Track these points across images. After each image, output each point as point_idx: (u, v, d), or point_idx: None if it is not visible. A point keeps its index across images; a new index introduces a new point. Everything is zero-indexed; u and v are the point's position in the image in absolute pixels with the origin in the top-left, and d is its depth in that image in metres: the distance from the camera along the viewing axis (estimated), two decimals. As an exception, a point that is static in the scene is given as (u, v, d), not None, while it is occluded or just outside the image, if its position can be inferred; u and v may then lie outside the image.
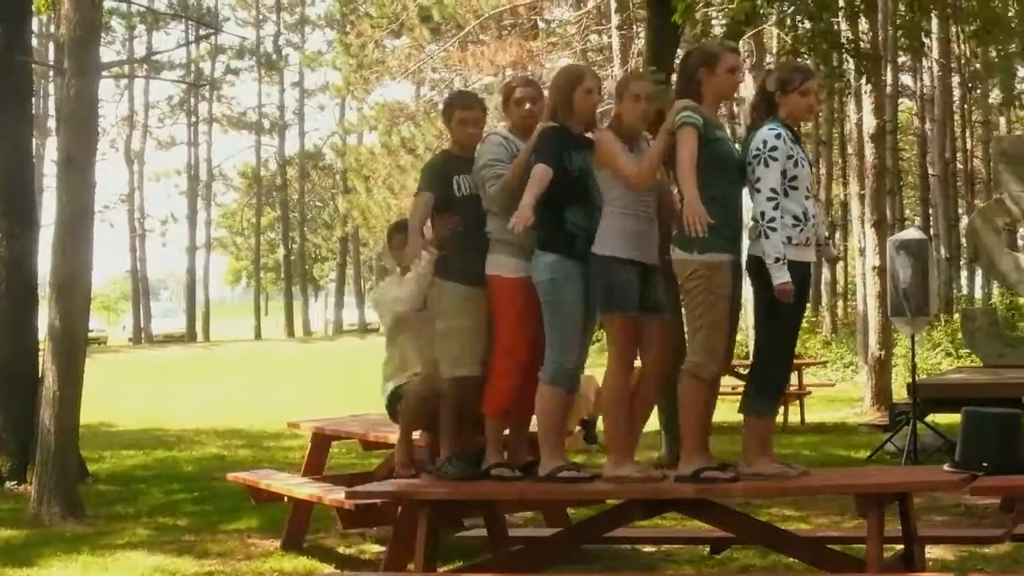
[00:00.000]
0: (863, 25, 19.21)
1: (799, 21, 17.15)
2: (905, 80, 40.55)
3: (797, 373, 18.62)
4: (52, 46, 42.20)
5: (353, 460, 14.50)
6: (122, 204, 64.28)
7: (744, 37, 18.66)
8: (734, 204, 6.92)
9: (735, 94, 7.56)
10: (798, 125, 7.34)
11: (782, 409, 16.49)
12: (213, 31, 56.32)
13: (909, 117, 45.69)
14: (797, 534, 8.15)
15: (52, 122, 45.53)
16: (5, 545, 10.47)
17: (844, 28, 18.05)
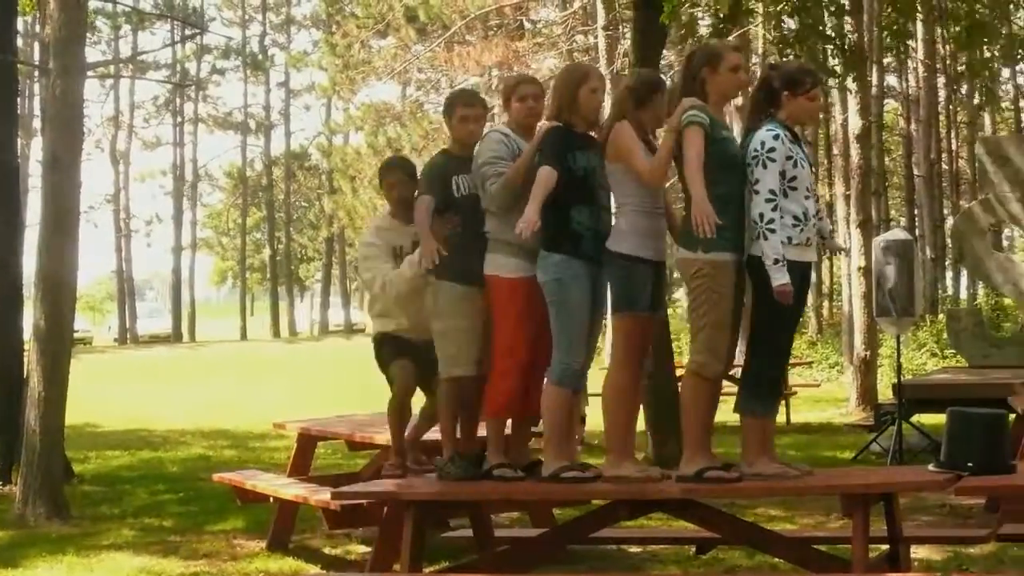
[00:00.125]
0: (848, 25, 19.24)
1: (786, 19, 17.19)
2: (890, 81, 40.56)
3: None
4: (37, 46, 42.10)
5: (339, 461, 14.48)
6: (108, 204, 64.23)
7: (729, 37, 18.68)
8: (739, 203, 6.91)
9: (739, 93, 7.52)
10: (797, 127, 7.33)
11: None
12: (199, 31, 56.24)
13: (894, 118, 45.69)
14: (783, 534, 8.16)
15: (37, 122, 45.50)
16: (-10, 546, 10.45)
17: (830, 28, 18.07)
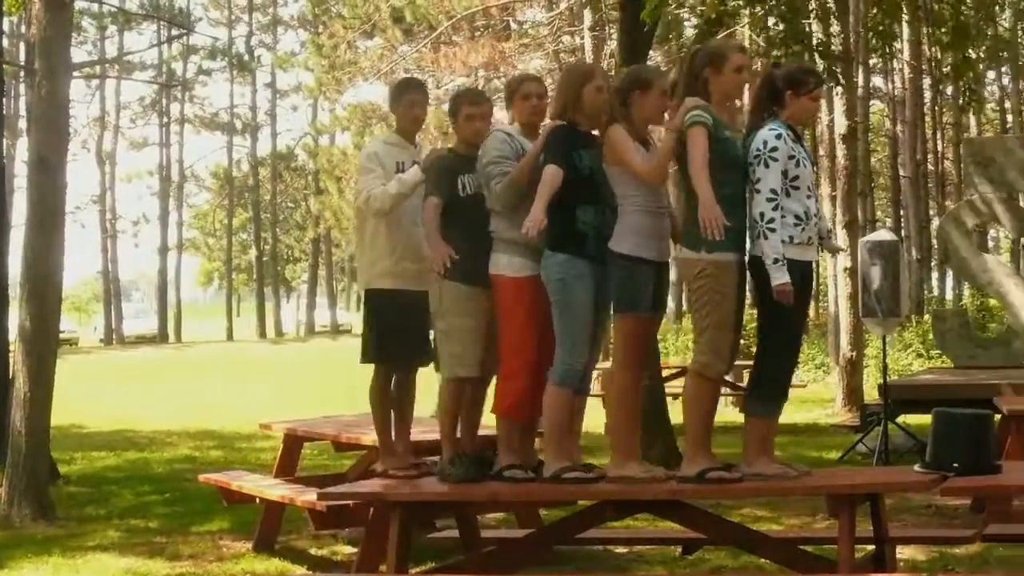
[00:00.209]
0: (834, 27, 19.26)
1: (774, 23, 17.20)
2: (876, 82, 40.63)
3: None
4: (23, 46, 41.96)
5: (325, 461, 14.47)
6: (94, 205, 64.07)
7: (715, 39, 18.69)
8: (742, 204, 6.91)
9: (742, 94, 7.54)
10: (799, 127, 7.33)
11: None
12: (185, 31, 56.17)
13: (880, 119, 45.81)
14: (769, 535, 8.16)
15: (23, 123, 45.35)
16: (-25, 547, 10.43)
17: (816, 29, 18.09)
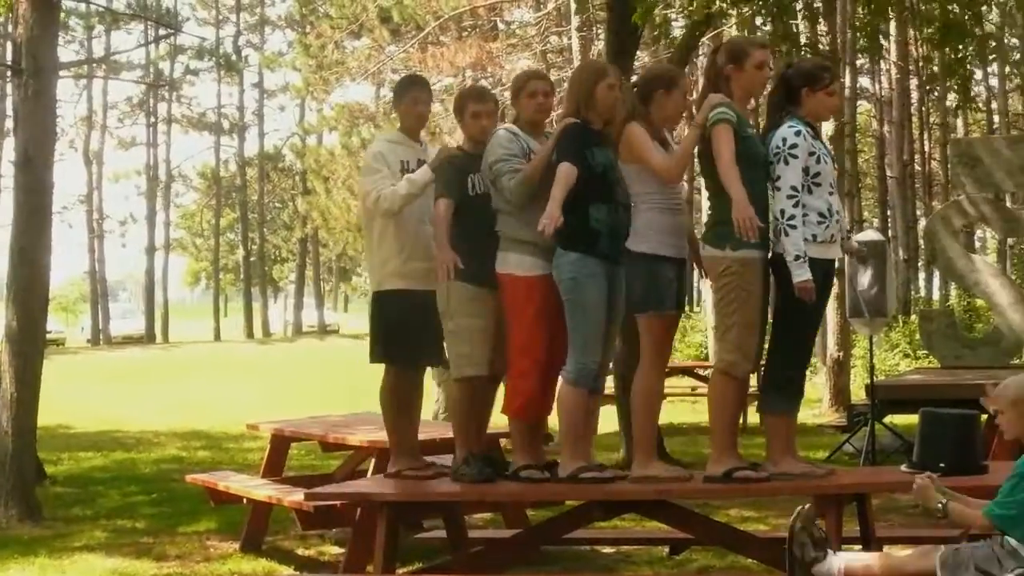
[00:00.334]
0: (821, 27, 19.28)
1: (764, 23, 17.20)
2: (863, 82, 40.65)
3: (756, 374, 18.60)
4: (10, 46, 41.90)
5: (313, 462, 14.46)
6: (81, 205, 63.89)
7: (703, 39, 18.71)
8: (765, 201, 6.90)
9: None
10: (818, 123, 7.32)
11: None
12: (172, 31, 55.98)
13: (867, 119, 45.83)
14: (755, 535, 8.18)
15: (10, 122, 45.24)
16: (-39, 548, 10.41)
17: (803, 29, 18.11)
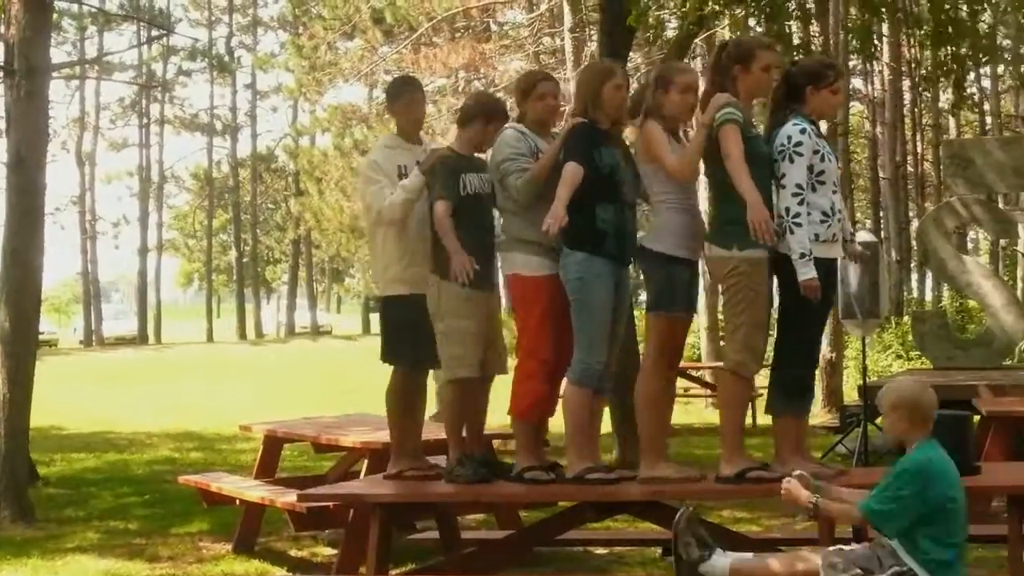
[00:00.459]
0: (814, 28, 19.29)
1: (757, 23, 17.21)
2: (856, 84, 40.69)
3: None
4: (2, 47, 41.86)
5: (305, 463, 14.46)
6: (73, 206, 63.78)
7: (696, 40, 18.71)
8: (770, 201, 6.89)
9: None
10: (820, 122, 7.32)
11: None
12: (165, 32, 55.97)
13: (860, 120, 45.86)
14: (748, 535, 8.19)
15: (2, 123, 45.16)
16: (-46, 549, 10.40)
17: (796, 30, 18.12)
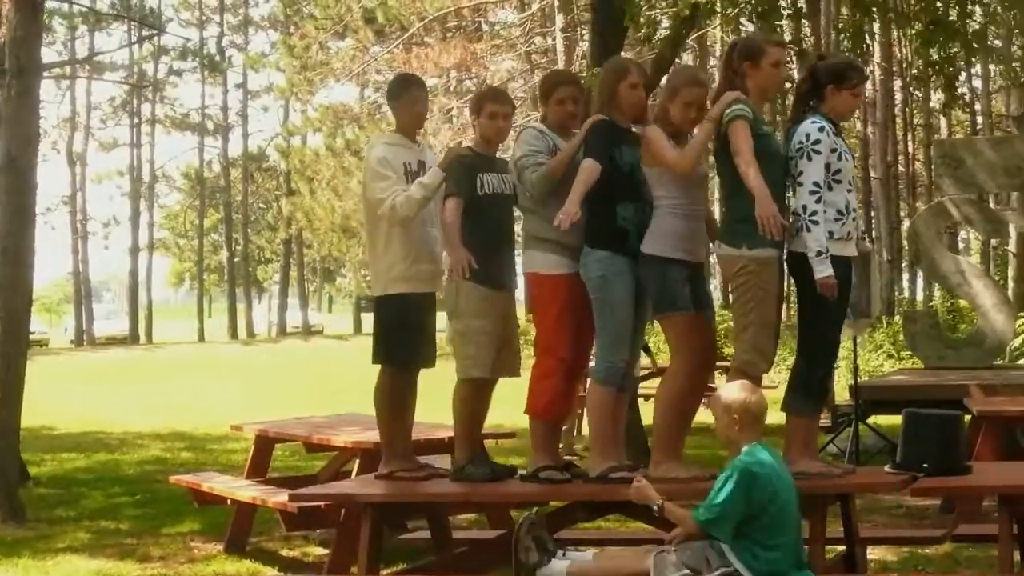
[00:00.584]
0: (805, 28, 19.32)
1: (749, 18, 17.21)
2: (847, 84, 40.71)
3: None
4: (-7, 46, 41.77)
5: (297, 463, 14.43)
6: (64, 206, 63.69)
7: (688, 39, 18.73)
8: (781, 199, 6.89)
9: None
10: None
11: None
12: (156, 32, 55.95)
13: (851, 120, 45.96)
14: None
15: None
16: (-56, 550, 10.38)
17: (787, 29, 18.13)
